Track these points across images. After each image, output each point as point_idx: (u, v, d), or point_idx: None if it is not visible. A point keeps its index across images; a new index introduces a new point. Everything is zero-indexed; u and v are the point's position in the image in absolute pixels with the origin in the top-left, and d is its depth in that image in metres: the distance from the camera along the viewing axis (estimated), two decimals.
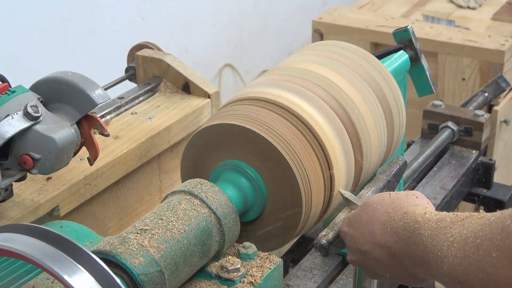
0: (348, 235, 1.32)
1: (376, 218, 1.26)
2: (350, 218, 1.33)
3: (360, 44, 2.03)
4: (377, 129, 1.60)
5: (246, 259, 1.40)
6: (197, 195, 1.38)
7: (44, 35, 2.91)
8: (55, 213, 1.57)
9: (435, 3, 3.50)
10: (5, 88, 1.42)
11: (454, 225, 1.10)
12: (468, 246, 1.05)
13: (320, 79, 1.57)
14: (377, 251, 1.25)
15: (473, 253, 1.04)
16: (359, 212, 1.32)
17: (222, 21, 3.93)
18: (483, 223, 1.06)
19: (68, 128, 1.46)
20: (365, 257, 1.29)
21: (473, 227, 1.07)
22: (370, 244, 1.26)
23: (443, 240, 1.10)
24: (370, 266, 1.30)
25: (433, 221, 1.15)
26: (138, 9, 3.37)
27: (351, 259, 1.34)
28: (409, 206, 1.24)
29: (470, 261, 1.04)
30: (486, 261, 1.02)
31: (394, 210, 1.24)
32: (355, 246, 1.30)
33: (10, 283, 1.21)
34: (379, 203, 1.28)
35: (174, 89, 2.01)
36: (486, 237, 1.03)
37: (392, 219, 1.23)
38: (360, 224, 1.29)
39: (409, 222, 1.19)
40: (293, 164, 1.43)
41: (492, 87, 2.33)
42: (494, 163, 2.22)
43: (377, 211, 1.27)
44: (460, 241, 1.07)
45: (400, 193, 1.29)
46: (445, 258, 1.09)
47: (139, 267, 1.23)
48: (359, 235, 1.29)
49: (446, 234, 1.10)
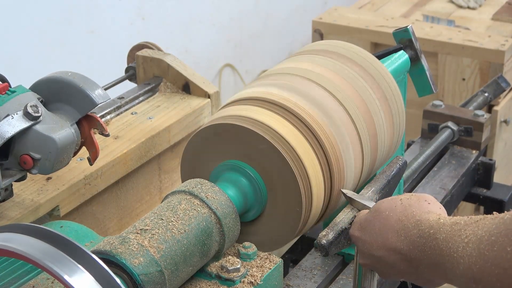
0: (361, 240, 1.32)
1: (389, 226, 1.26)
2: (362, 223, 1.32)
3: (360, 44, 2.03)
4: (377, 129, 1.60)
5: (246, 259, 1.40)
6: (197, 195, 1.38)
7: (44, 35, 2.91)
8: (55, 213, 1.57)
9: (435, 3, 3.50)
10: (5, 88, 1.42)
11: (468, 227, 1.11)
12: (483, 244, 1.06)
13: (320, 79, 1.57)
14: (392, 257, 1.25)
15: (488, 251, 1.05)
16: (371, 218, 1.31)
17: (222, 21, 3.93)
18: (497, 222, 1.06)
19: (68, 128, 1.46)
20: (379, 262, 1.29)
21: (487, 227, 1.07)
22: (384, 250, 1.26)
23: (458, 242, 1.10)
24: (384, 270, 1.30)
25: (448, 225, 1.15)
26: (138, 9, 3.37)
27: (363, 263, 1.34)
28: (422, 213, 1.23)
29: (485, 259, 1.05)
30: (502, 257, 1.03)
31: (407, 218, 1.24)
32: (368, 251, 1.30)
33: (10, 283, 1.21)
34: (391, 210, 1.27)
35: (174, 89, 2.00)
36: (500, 234, 1.04)
37: (405, 227, 1.23)
38: (373, 230, 1.29)
39: (423, 229, 1.19)
40: (293, 164, 1.43)
41: (492, 87, 2.33)
42: (494, 163, 2.22)
43: (390, 218, 1.26)
44: (475, 241, 1.08)
45: (411, 199, 1.28)
46: (460, 259, 1.09)
47: (139, 267, 1.23)
48: (372, 241, 1.28)
49: (461, 235, 1.11)
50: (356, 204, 1.41)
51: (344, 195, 1.45)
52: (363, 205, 1.39)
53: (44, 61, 2.89)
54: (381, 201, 1.32)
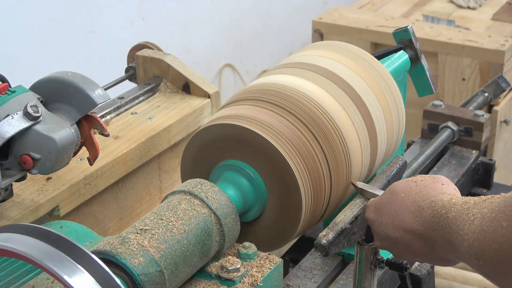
0: (376, 222, 1.33)
1: (405, 207, 1.28)
2: (377, 206, 1.34)
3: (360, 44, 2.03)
4: (376, 129, 1.60)
5: (246, 259, 1.40)
6: (197, 195, 1.38)
7: (44, 35, 2.91)
8: (55, 213, 1.57)
9: (435, 3, 3.50)
10: (5, 88, 1.42)
11: (477, 206, 1.13)
12: (485, 221, 1.07)
13: (320, 79, 1.57)
14: (408, 237, 1.27)
15: (487, 226, 1.06)
16: (386, 200, 1.32)
17: (222, 21, 3.93)
18: (500, 201, 1.08)
19: (68, 128, 1.46)
20: (396, 244, 1.30)
21: (492, 206, 1.09)
22: (401, 231, 1.28)
23: (465, 220, 1.12)
24: (400, 251, 1.32)
25: (459, 204, 1.17)
26: (138, 9, 3.37)
27: (379, 245, 1.36)
28: (437, 194, 1.25)
29: (485, 234, 1.06)
30: (498, 232, 1.04)
31: (422, 199, 1.26)
32: (384, 233, 1.31)
33: (10, 283, 1.21)
34: (406, 192, 1.29)
35: (174, 89, 2.01)
36: (500, 210, 1.05)
37: (421, 208, 1.25)
38: (389, 212, 1.30)
39: (437, 209, 1.21)
40: (293, 164, 1.43)
41: (492, 87, 2.32)
42: (494, 163, 2.22)
43: (406, 200, 1.28)
44: (479, 218, 1.10)
45: (426, 180, 1.30)
46: (465, 236, 1.11)
47: (139, 267, 1.23)
48: (389, 222, 1.30)
49: (468, 214, 1.13)
50: (367, 195, 1.42)
51: (355, 186, 1.46)
52: (374, 195, 1.40)
53: (44, 61, 2.89)
54: (396, 182, 1.34)
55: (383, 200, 1.33)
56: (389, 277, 1.68)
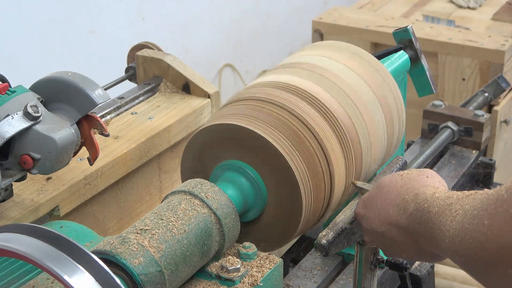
0: (364, 217, 1.33)
1: (390, 200, 1.28)
2: (365, 201, 1.34)
3: (360, 44, 2.03)
4: (377, 129, 1.60)
5: (246, 259, 1.40)
6: (197, 195, 1.38)
7: (44, 35, 2.91)
8: (55, 213, 1.57)
9: (435, 3, 3.50)
10: (5, 88, 1.42)
11: (459, 202, 1.12)
12: (466, 218, 1.06)
13: (320, 79, 1.57)
14: (393, 232, 1.27)
15: (468, 224, 1.05)
16: (373, 194, 1.33)
17: (222, 21, 3.93)
18: (482, 198, 1.07)
19: (68, 128, 1.46)
20: (382, 238, 1.30)
21: (474, 202, 1.08)
22: (386, 226, 1.28)
23: (447, 216, 1.12)
24: (387, 246, 1.31)
25: (441, 199, 1.17)
26: (138, 9, 3.37)
27: (368, 240, 1.36)
28: (420, 187, 1.25)
29: (465, 232, 1.05)
30: (479, 230, 1.03)
31: (407, 192, 1.26)
32: (371, 228, 1.31)
33: (10, 283, 1.21)
34: (392, 185, 1.29)
35: (174, 89, 2.01)
36: (482, 208, 1.04)
37: (405, 201, 1.25)
38: (375, 206, 1.31)
39: (419, 202, 1.21)
40: (293, 164, 1.43)
41: (492, 87, 2.32)
42: (494, 163, 2.22)
43: (391, 193, 1.28)
44: (461, 215, 1.09)
45: (412, 173, 1.30)
46: (447, 232, 1.10)
47: (139, 267, 1.23)
48: (374, 217, 1.30)
49: (451, 210, 1.12)
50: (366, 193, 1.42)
51: (355, 186, 1.45)
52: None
53: (44, 61, 2.89)
54: (384, 177, 1.34)
55: (370, 195, 1.34)
56: (389, 277, 1.68)
